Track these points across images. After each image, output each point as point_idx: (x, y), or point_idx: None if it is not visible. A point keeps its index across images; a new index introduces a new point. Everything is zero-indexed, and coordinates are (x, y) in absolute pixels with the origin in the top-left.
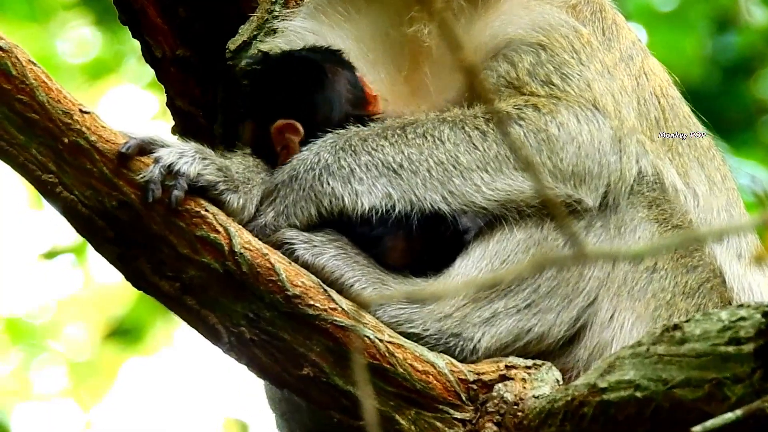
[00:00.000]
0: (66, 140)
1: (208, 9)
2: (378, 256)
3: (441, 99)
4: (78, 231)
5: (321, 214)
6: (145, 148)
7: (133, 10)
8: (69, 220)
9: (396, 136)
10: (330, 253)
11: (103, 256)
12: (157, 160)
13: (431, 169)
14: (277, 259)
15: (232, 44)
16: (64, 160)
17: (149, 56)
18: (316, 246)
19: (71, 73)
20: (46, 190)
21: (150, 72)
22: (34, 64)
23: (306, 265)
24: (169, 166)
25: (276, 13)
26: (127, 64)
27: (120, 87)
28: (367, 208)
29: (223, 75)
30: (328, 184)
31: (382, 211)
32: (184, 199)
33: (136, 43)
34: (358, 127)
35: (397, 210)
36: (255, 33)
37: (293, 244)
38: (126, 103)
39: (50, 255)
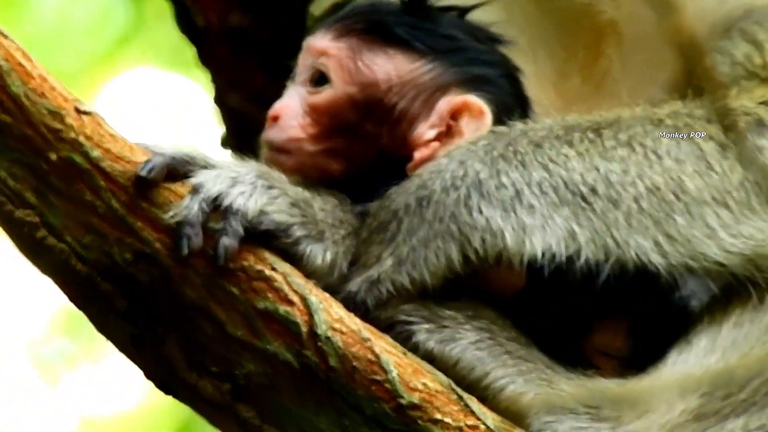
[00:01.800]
0: (54, 156)
1: None
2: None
3: (637, 99)
4: (71, 299)
5: (467, 258)
6: (178, 169)
7: None
8: (57, 282)
9: (587, 142)
10: (468, 338)
11: (110, 339)
12: (196, 189)
13: (640, 198)
14: (384, 347)
15: (318, 7)
16: (51, 187)
17: (186, 26)
18: (446, 327)
19: (62, 47)
20: (21, 233)
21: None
22: (4, 36)
23: (431, 357)
24: (216, 198)
25: None
26: (149, 33)
27: (138, 69)
28: (538, 252)
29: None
30: (480, 212)
31: (560, 257)
32: (238, 250)
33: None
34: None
35: (582, 258)
36: None
37: (411, 323)
38: (146, 98)
39: None
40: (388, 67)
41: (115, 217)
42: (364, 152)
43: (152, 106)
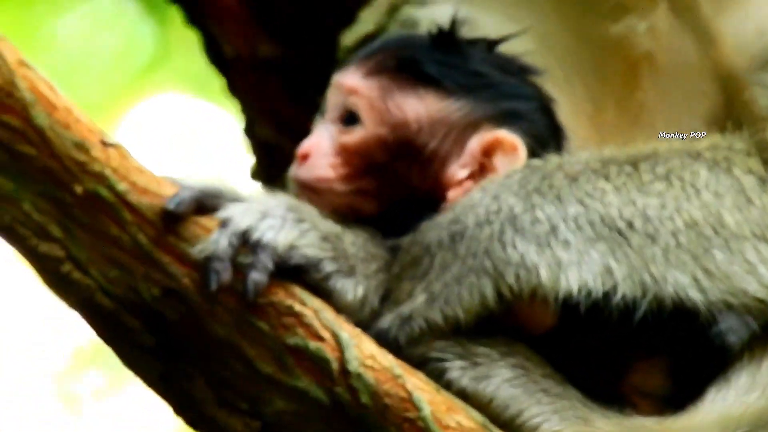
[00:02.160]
0: (79, 189)
1: None
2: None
3: (674, 132)
4: (98, 334)
5: (501, 295)
6: (206, 203)
7: None
8: (83, 317)
9: (624, 176)
10: (502, 374)
11: (137, 375)
12: (225, 223)
13: (678, 233)
14: (417, 384)
15: (349, 38)
16: (76, 220)
17: (215, 57)
18: (479, 364)
19: (87, 75)
20: (45, 267)
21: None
22: (29, 68)
23: (464, 395)
24: (245, 232)
25: None
26: (176, 60)
27: (164, 96)
28: (574, 288)
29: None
30: (515, 247)
31: (596, 293)
32: (267, 285)
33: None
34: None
35: (619, 294)
36: (384, 21)
37: (444, 360)
38: (173, 125)
39: None
40: (419, 107)
41: (141, 251)
42: (395, 192)
43: (179, 133)
